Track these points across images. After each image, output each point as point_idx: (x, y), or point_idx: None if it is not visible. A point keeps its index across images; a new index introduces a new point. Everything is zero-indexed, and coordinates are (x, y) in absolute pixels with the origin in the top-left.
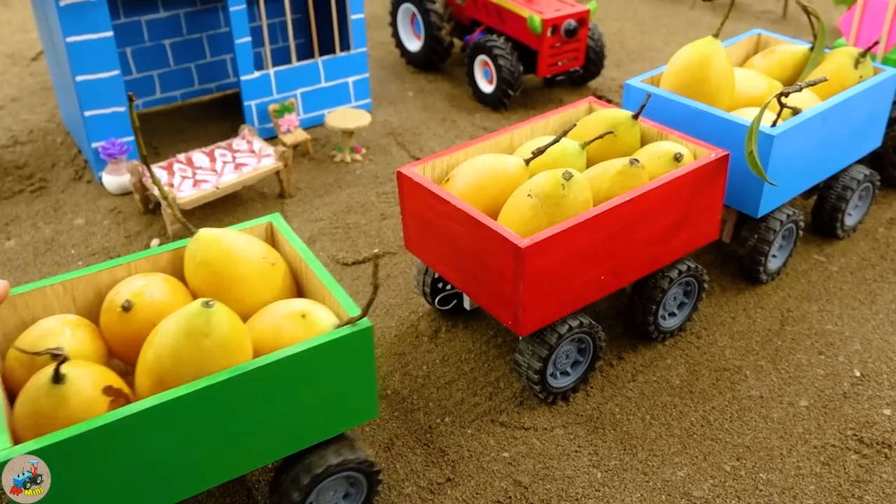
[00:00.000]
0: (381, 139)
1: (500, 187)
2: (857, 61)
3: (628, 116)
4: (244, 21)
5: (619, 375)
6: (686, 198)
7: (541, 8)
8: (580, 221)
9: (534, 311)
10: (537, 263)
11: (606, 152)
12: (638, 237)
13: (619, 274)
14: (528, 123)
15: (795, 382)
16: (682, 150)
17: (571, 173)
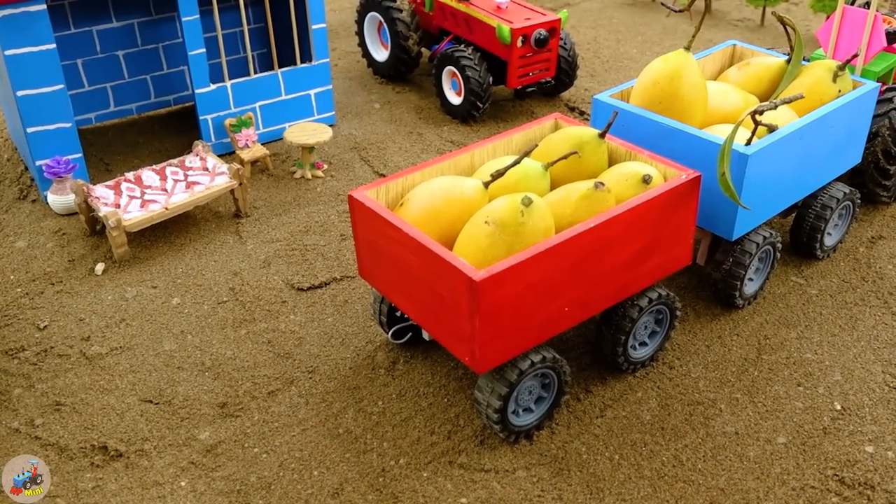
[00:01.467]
0: (345, 154)
1: (456, 212)
2: (836, 74)
3: (594, 135)
4: (198, 31)
5: (586, 411)
6: (655, 222)
7: (510, 17)
8: (541, 251)
9: (492, 348)
10: (494, 297)
11: (572, 173)
12: (604, 265)
13: (585, 304)
14: (490, 142)
15: (773, 417)
16: (652, 172)
17: (531, 199)
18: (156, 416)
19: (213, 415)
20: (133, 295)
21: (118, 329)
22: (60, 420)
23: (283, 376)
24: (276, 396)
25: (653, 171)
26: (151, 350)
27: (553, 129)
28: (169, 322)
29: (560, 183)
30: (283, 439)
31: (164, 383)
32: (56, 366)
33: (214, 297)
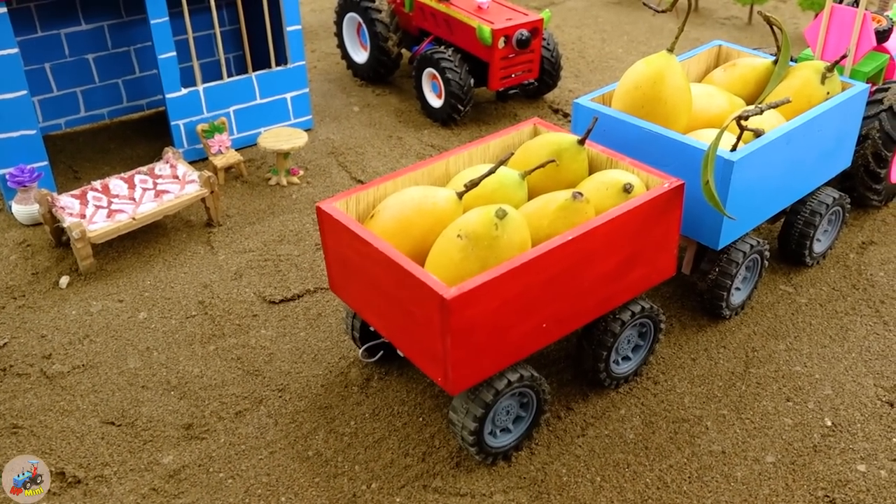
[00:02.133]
0: (322, 159)
1: (428, 224)
2: (824, 76)
3: (573, 142)
4: (167, 34)
5: (567, 429)
6: (637, 233)
7: (491, 17)
8: (516, 266)
9: (465, 368)
10: (467, 315)
11: (550, 182)
12: (584, 279)
13: (564, 320)
14: (466, 149)
15: (761, 434)
16: (633, 180)
17: (506, 211)
18: (117, 440)
19: (177, 437)
20: (98, 309)
21: (81, 346)
22: (17, 444)
23: (251, 395)
24: (243, 417)
25: (634, 180)
26: (115, 368)
27: (532, 135)
28: (134, 338)
29: (538, 192)
30: (250, 463)
31: (128, 404)
32: (15, 386)
33: (183, 310)
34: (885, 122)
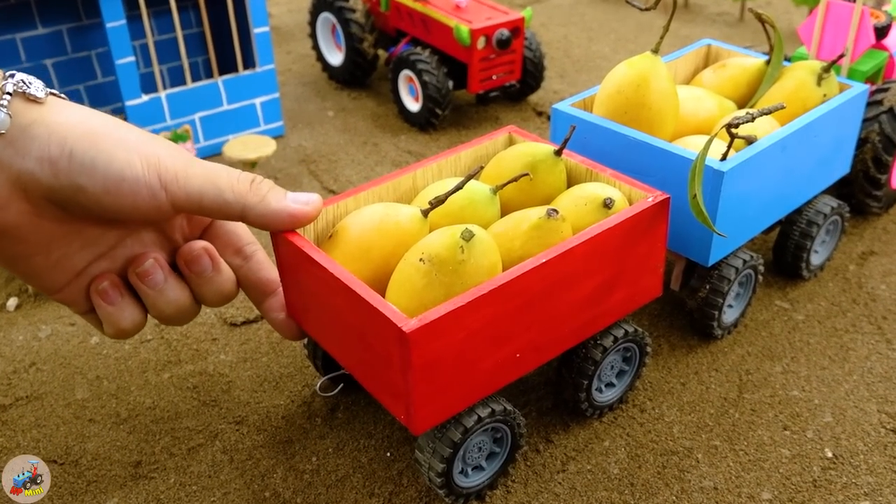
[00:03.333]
0: (293, 168)
1: (390, 246)
2: (821, 77)
3: (549, 153)
4: (125, 38)
5: (546, 464)
6: (619, 252)
7: (469, 16)
8: (484, 292)
9: (430, 406)
10: (430, 349)
11: (525, 196)
12: (561, 304)
13: (540, 349)
14: (435, 160)
15: (756, 468)
16: (614, 194)
17: (472, 232)
18: (59, 480)
19: (124, 476)
20: (47, 334)
21: (26, 375)
22: None
23: (206, 429)
24: (196, 453)
25: (615, 194)
26: (62, 399)
27: (507, 145)
28: (84, 366)
29: (512, 207)
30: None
31: (73, 439)
32: None
33: (137, 335)
34: (886, 124)
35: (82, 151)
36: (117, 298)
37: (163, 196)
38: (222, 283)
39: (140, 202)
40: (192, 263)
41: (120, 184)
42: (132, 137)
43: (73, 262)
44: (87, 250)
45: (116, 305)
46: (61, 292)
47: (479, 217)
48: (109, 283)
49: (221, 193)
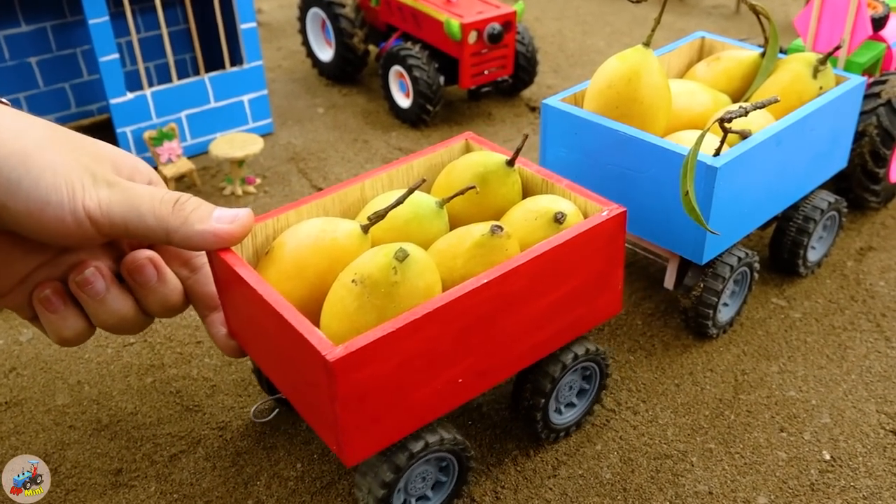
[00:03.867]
0: (281, 166)
1: (326, 264)
2: (817, 69)
3: (501, 163)
4: (108, 35)
5: (536, 469)
6: (572, 269)
7: (460, 11)
8: (419, 316)
9: (361, 436)
10: (358, 378)
11: (476, 209)
12: (508, 325)
13: (487, 373)
14: (385, 170)
15: (752, 471)
16: (566, 208)
17: (407, 252)
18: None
19: (104, 485)
20: (28, 338)
21: (7, 381)
22: None
23: (189, 435)
24: (178, 461)
25: (568, 207)
26: (42, 405)
27: (464, 152)
28: (65, 370)
29: (463, 221)
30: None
31: (52, 446)
32: None
33: (121, 338)
34: (884, 117)
35: (9, 169)
36: (59, 307)
37: (87, 224)
38: (168, 294)
39: (65, 229)
40: (136, 273)
41: (44, 209)
42: (61, 161)
43: (16, 269)
44: (31, 257)
45: (59, 314)
46: (5, 298)
47: (425, 232)
48: (52, 291)
49: (143, 219)
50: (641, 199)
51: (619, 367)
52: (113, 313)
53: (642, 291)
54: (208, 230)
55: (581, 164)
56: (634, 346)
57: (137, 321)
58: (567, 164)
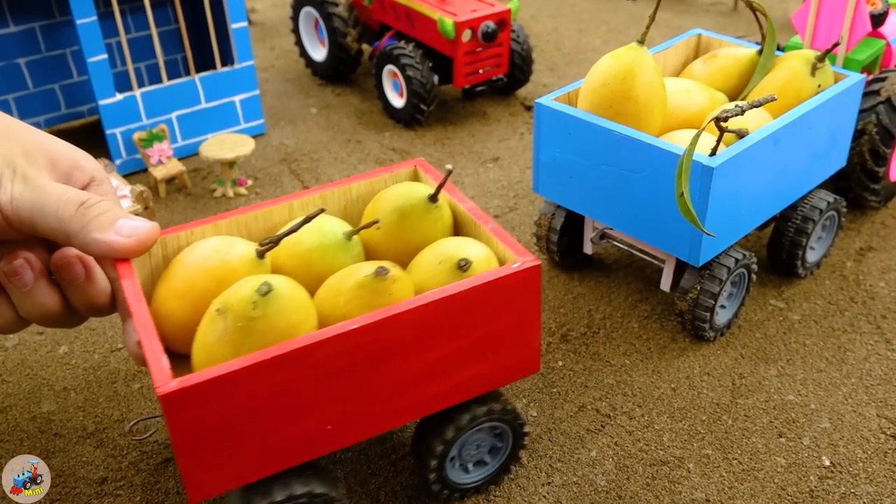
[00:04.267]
0: (273, 167)
1: (210, 287)
2: (815, 66)
3: (423, 198)
4: (96, 35)
5: (530, 477)
6: (472, 322)
7: (454, 9)
8: (266, 358)
9: (205, 472)
10: (193, 414)
11: (396, 244)
12: (389, 374)
13: (364, 422)
14: (320, 191)
15: (750, 478)
16: (476, 255)
17: (271, 286)
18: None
19: (89, 494)
20: (14, 344)
21: None
22: None
23: None
24: (166, 468)
25: (478, 254)
26: (27, 412)
27: (411, 179)
28: (52, 377)
29: (381, 256)
30: None
31: (37, 454)
32: None
33: (108, 343)
34: (883, 115)
35: None
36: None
37: (1, 220)
38: (95, 293)
39: None
40: (63, 270)
41: None
42: None
43: None
44: None
45: None
46: None
47: (329, 263)
48: None
49: (47, 219)
50: (637, 199)
51: (614, 371)
52: (38, 306)
53: (638, 293)
54: (104, 240)
55: (575, 164)
56: (630, 350)
57: (63, 317)
58: (561, 164)
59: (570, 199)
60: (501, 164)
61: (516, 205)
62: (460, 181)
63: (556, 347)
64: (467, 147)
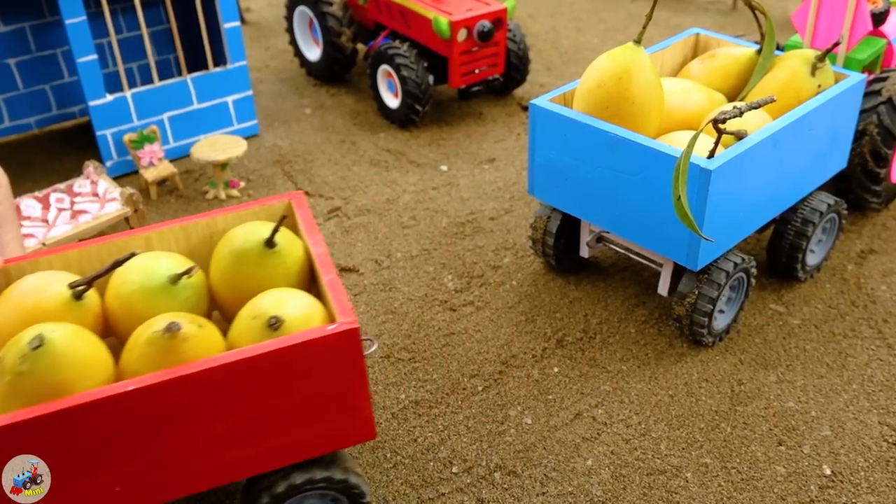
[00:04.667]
0: (266, 168)
1: (21, 325)
2: (815, 66)
3: (258, 243)
4: (86, 35)
5: (524, 486)
6: (281, 386)
7: (449, 8)
8: (19, 420)
9: None
10: None
11: (236, 292)
12: (179, 437)
13: (158, 485)
14: (182, 223)
15: (749, 487)
16: (293, 312)
17: (42, 340)
18: None
19: None
20: None
21: None
22: None
23: None
24: None
25: (297, 310)
26: None
27: (282, 213)
28: None
29: (222, 303)
30: None
31: None
32: None
33: None
34: (884, 115)
35: None
36: None
37: None
38: None
39: None
40: None
41: None
42: None
43: None
44: None
45: None
46: None
47: (151, 307)
48: None
49: None
50: (633, 202)
51: (610, 377)
52: None
53: (635, 298)
54: None
55: (571, 166)
56: (627, 355)
57: None
58: (556, 166)
59: (566, 202)
60: (497, 165)
61: (512, 207)
62: (455, 183)
63: (552, 353)
64: (463, 148)
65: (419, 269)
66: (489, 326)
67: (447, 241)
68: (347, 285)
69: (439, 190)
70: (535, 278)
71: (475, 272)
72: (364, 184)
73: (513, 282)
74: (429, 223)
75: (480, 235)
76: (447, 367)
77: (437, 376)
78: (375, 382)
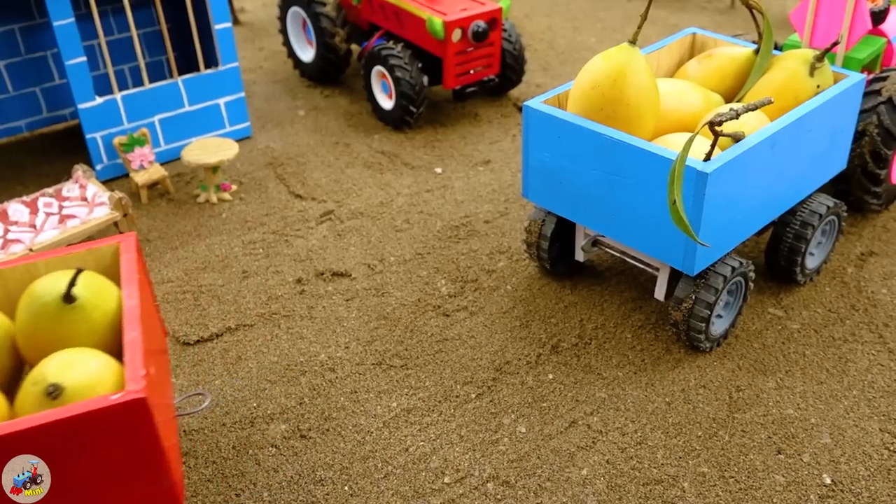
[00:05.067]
0: (259, 171)
1: None
2: (814, 66)
3: (54, 299)
4: (74, 37)
5: (518, 497)
6: (56, 466)
7: (443, 8)
8: None
9: None
10: None
11: (35, 350)
12: None
13: None
14: (30, 260)
15: (748, 497)
16: (80, 377)
17: None
18: None
19: None
20: None
21: None
22: None
23: None
24: None
25: (84, 376)
26: None
27: (112, 258)
28: None
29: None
30: None
31: None
32: None
33: None
34: (884, 115)
35: None
36: None
37: None
38: None
39: None
40: None
41: None
42: None
43: None
44: None
45: None
46: None
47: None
48: None
49: None
50: (628, 206)
51: (606, 384)
52: None
53: (631, 302)
54: None
55: (565, 169)
56: (623, 361)
57: None
58: (551, 169)
59: (561, 206)
60: (492, 167)
61: (507, 209)
62: (450, 185)
63: (547, 359)
64: (458, 150)
65: (412, 274)
66: (483, 332)
67: (441, 245)
68: (340, 290)
69: (433, 192)
70: (530, 283)
71: (469, 276)
72: (357, 186)
73: (507, 286)
74: (423, 227)
75: (475, 239)
76: (440, 374)
77: (430, 383)
78: (367, 390)
